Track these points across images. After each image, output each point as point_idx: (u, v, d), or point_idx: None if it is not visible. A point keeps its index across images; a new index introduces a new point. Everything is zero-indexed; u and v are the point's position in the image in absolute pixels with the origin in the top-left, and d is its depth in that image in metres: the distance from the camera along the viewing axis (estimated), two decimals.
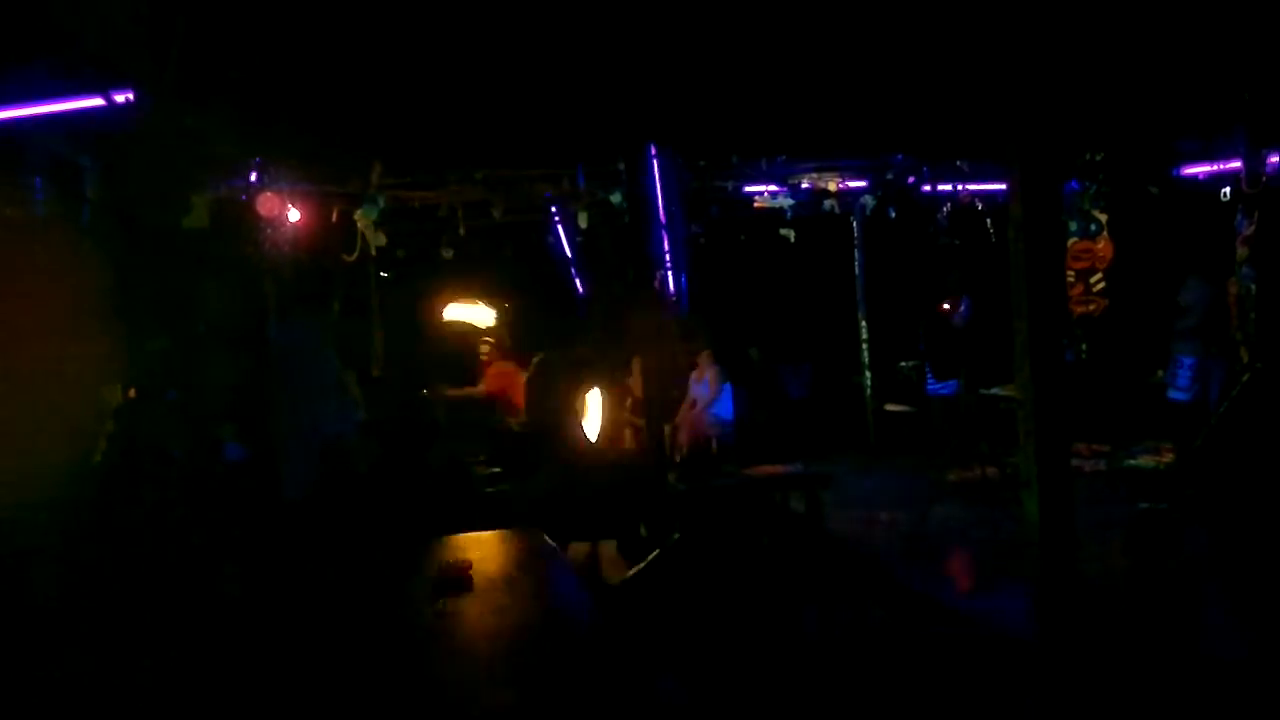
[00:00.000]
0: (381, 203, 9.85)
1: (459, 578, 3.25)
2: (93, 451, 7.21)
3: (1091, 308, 11.58)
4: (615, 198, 10.35)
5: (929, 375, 11.95)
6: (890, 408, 11.78)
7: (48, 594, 5.48)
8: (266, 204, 8.66)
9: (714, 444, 10.70)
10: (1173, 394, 9.60)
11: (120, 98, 6.07)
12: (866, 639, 5.21)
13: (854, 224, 12.70)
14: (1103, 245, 11.40)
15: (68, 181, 7.60)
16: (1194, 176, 10.82)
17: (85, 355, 6.69)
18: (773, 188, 11.00)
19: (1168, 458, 9.57)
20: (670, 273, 9.10)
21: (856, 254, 12.83)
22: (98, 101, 6.31)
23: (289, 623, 3.40)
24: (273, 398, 7.16)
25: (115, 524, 6.49)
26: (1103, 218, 11.25)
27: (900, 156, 10.53)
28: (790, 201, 11.06)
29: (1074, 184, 11.00)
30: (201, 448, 7.47)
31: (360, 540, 6.27)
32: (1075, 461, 8.57)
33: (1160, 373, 10.45)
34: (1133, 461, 9.87)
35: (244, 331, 7.94)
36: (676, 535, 6.47)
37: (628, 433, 9.91)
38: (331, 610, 3.44)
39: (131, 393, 7.61)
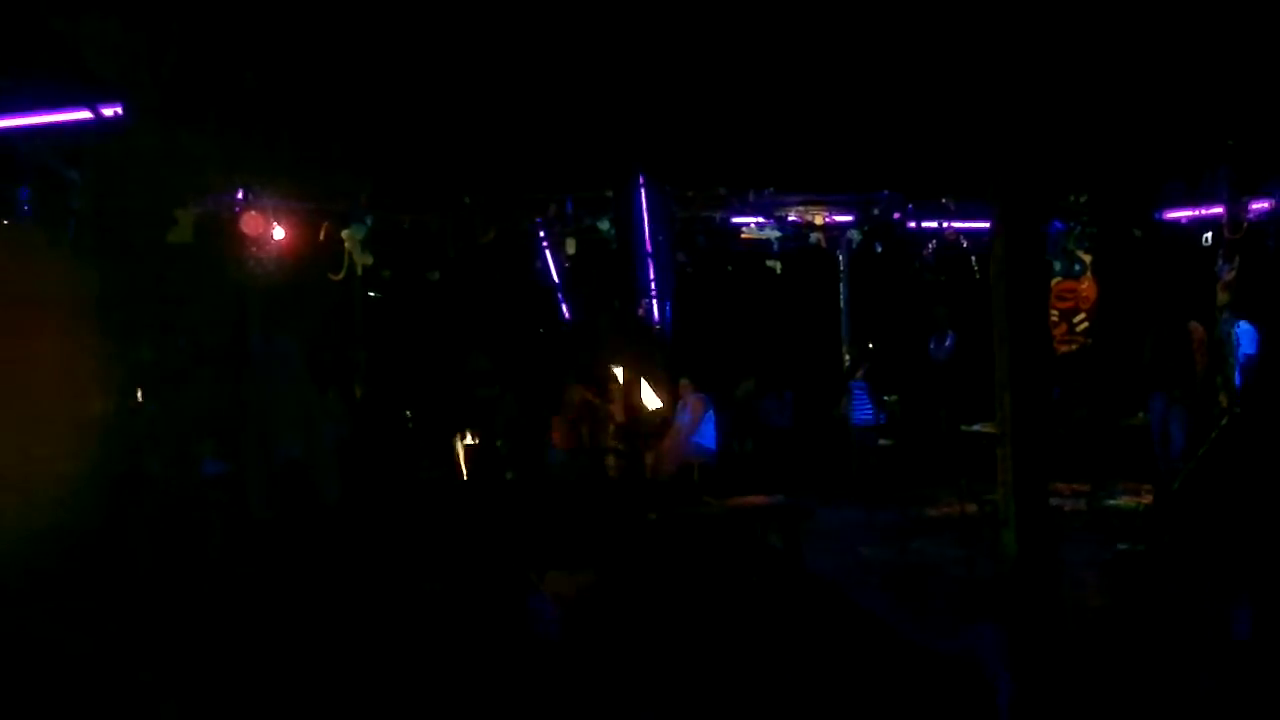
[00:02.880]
0: (370, 222, 9.84)
1: None
2: (74, 463, 7.15)
3: (1074, 347, 11.62)
4: (603, 225, 10.38)
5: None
6: (879, 442, 11.83)
7: (33, 602, 5.43)
8: (251, 223, 8.65)
9: (696, 472, 10.67)
10: None
11: (108, 111, 6.06)
12: (840, 676, 5.19)
13: (840, 257, 12.75)
14: (1086, 285, 11.47)
15: (54, 193, 7.58)
16: (1177, 220, 10.91)
17: (67, 367, 6.66)
18: (760, 220, 11.04)
19: (1148, 499, 9.59)
20: (656, 301, 9.12)
21: (842, 287, 12.89)
22: (86, 114, 6.31)
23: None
24: (243, 414, 7.16)
25: (95, 536, 6.45)
26: (1087, 258, 11.32)
27: (886, 192, 10.59)
28: (777, 234, 11.10)
29: (1058, 224, 11.08)
30: (179, 462, 7.42)
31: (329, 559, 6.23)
32: (1054, 500, 8.59)
33: (1142, 414, 10.49)
34: (1113, 502, 9.89)
35: (225, 347, 7.91)
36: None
37: (610, 459, 9.89)
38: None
39: (113, 405, 7.56)
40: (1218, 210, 9.93)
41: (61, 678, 4.82)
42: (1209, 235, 10.21)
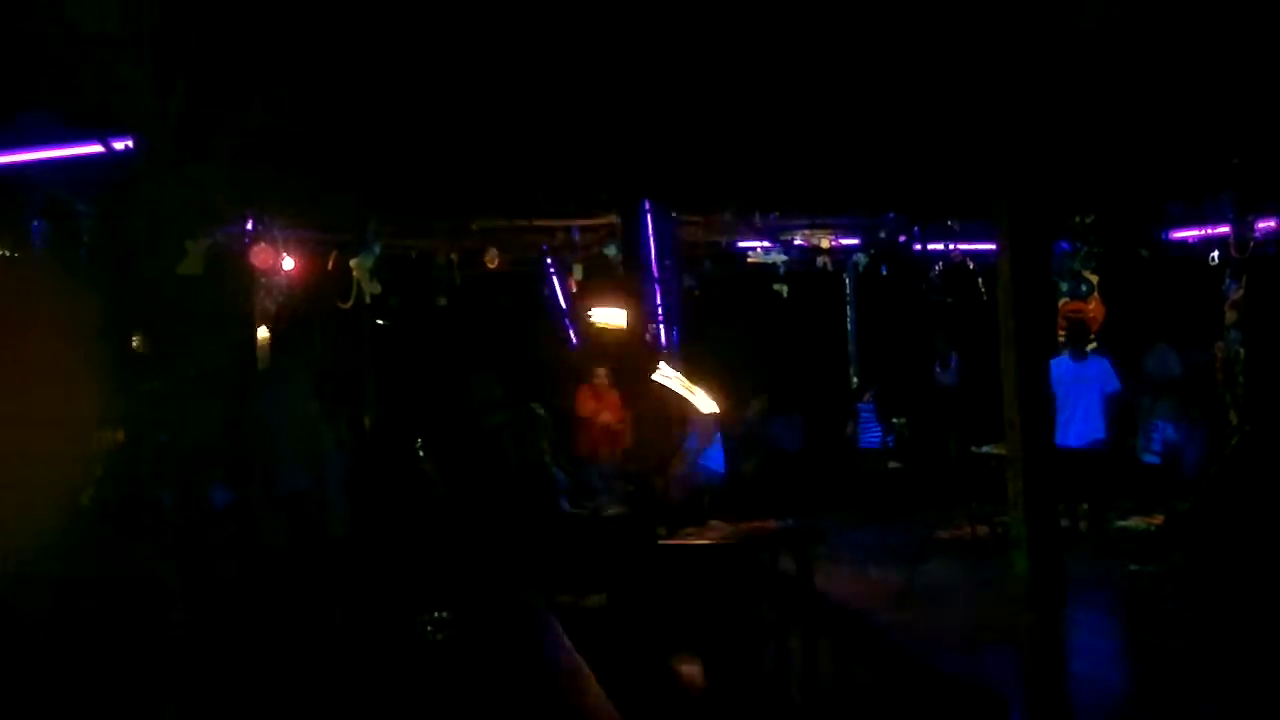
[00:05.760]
0: (378, 250, 9.90)
1: None
2: (82, 494, 7.18)
3: None
4: (610, 250, 10.42)
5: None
6: (889, 464, 11.83)
7: (37, 635, 5.43)
8: (260, 256, 8.70)
9: (706, 497, 10.64)
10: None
11: (119, 145, 6.13)
12: (851, 700, 5.17)
13: (846, 280, 12.79)
14: (1093, 306, 11.47)
15: (66, 226, 7.64)
16: (1183, 240, 10.92)
17: (77, 398, 6.70)
18: (766, 244, 11.08)
19: (1158, 519, 9.57)
20: (663, 325, 9.15)
21: (849, 310, 12.92)
22: (97, 148, 6.37)
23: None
24: (251, 444, 7.18)
25: (103, 565, 6.46)
26: (1093, 279, 11.33)
27: (892, 215, 10.62)
28: (783, 257, 11.14)
29: (1065, 245, 11.10)
30: (189, 491, 7.45)
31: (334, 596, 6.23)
32: (1065, 522, 8.56)
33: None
34: (1124, 523, 9.85)
35: (234, 377, 7.95)
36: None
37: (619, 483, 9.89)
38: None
39: (120, 436, 7.60)
40: (1224, 229, 9.94)
41: (67, 708, 4.82)
42: (1215, 254, 10.21)
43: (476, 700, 4.88)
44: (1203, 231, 10.59)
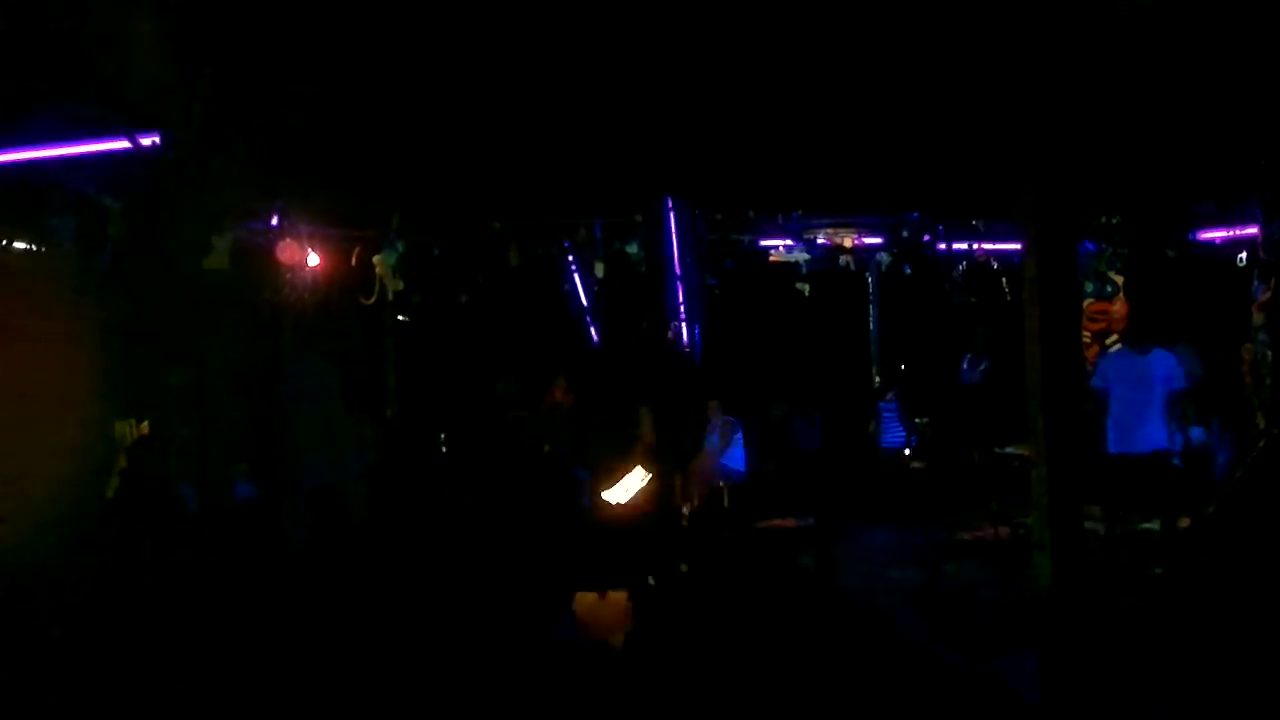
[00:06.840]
0: (401, 248, 9.94)
1: None
2: (104, 486, 7.24)
3: None
4: (632, 248, 10.43)
5: None
6: (911, 464, 11.78)
7: (51, 624, 5.48)
8: (286, 251, 8.75)
9: (726, 496, 10.65)
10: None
11: (146, 141, 6.18)
12: (874, 699, 5.16)
13: (869, 280, 12.75)
14: (1119, 306, 11.37)
15: (92, 220, 7.70)
16: (1210, 241, 10.82)
17: (101, 390, 6.75)
18: (789, 242, 11.06)
19: (1183, 522, 9.48)
20: (684, 323, 9.14)
21: (871, 309, 12.88)
22: (124, 144, 6.42)
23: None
24: (275, 439, 7.24)
25: (121, 558, 6.51)
26: (1119, 279, 11.24)
27: (916, 214, 10.58)
28: (806, 256, 11.11)
29: (1090, 245, 11.01)
30: (212, 485, 7.50)
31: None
32: (1088, 524, 8.48)
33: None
34: (1147, 525, 9.77)
35: (259, 371, 7.99)
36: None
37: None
38: None
39: (145, 428, 7.66)
40: (1252, 230, 9.84)
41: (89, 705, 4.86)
42: (1244, 255, 10.11)
43: (492, 694, 4.90)
44: (1230, 232, 10.48)
